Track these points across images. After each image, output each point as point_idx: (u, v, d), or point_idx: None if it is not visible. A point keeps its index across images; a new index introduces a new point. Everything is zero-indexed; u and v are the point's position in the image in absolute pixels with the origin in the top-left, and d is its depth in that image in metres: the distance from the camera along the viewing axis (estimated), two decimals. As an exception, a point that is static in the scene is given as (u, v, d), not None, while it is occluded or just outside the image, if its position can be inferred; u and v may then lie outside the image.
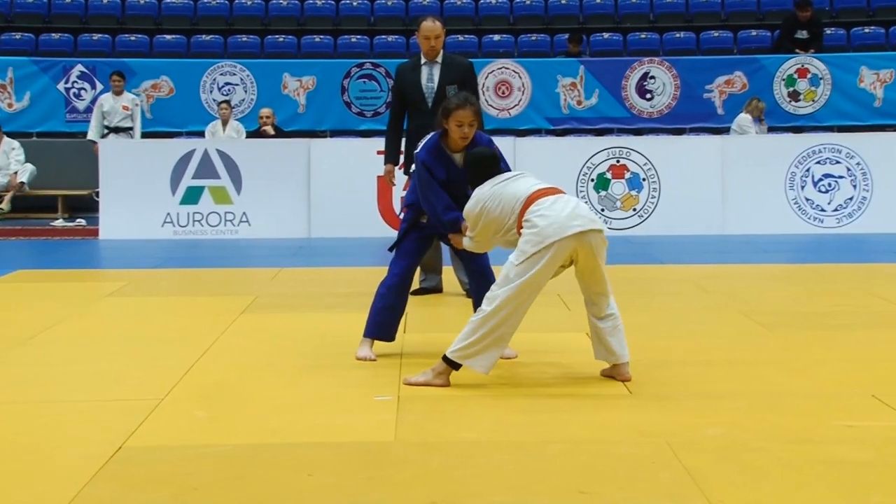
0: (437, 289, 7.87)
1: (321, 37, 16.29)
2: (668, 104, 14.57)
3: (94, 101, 14.13)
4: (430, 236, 5.68)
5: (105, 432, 4.19)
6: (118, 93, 13.61)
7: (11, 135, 14.02)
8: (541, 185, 5.01)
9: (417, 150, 5.66)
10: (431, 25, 7.49)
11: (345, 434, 4.18)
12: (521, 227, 4.87)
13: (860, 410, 4.46)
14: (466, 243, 5.26)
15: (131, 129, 13.55)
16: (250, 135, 13.56)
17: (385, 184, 8.54)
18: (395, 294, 5.57)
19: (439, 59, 7.53)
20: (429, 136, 5.58)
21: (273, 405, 4.63)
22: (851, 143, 12.23)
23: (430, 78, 7.50)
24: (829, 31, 15.84)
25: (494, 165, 5.15)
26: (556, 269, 4.90)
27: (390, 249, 5.73)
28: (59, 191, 13.80)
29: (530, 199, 4.89)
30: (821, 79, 14.46)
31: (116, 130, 13.52)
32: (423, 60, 7.57)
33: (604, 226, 4.99)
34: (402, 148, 7.64)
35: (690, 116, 14.59)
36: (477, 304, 5.43)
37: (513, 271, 4.81)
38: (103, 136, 13.26)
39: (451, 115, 5.33)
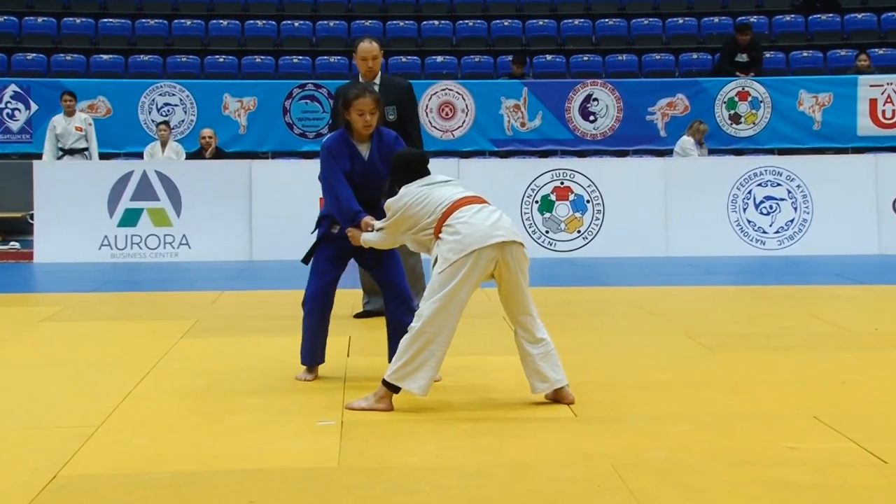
0: (381, 312, 7.84)
1: (262, 57, 16.26)
2: (612, 126, 14.71)
3: (27, 121, 13.95)
4: (344, 255, 5.58)
5: (39, 460, 4.11)
6: (70, 113, 13.44)
7: (-58, 156, 13.79)
8: (467, 193, 5.04)
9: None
10: (368, 46, 7.45)
11: (288, 460, 4.15)
12: (441, 232, 4.88)
13: (803, 432, 4.52)
14: (370, 237, 5.23)
15: (86, 150, 13.38)
16: (190, 156, 13.47)
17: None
18: (313, 317, 5.55)
19: (377, 80, 7.53)
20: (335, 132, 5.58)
21: (214, 431, 4.58)
22: (791, 165, 12.45)
23: None
24: (768, 55, 16.13)
25: (423, 166, 5.16)
26: (478, 280, 4.88)
27: (304, 262, 5.69)
28: (-7, 213, 13.60)
29: (455, 205, 4.90)
30: (761, 102, 14.70)
31: (71, 152, 13.32)
32: (361, 81, 7.56)
33: (524, 240, 4.99)
34: None
35: (633, 138, 14.73)
36: (392, 316, 5.43)
37: (436, 280, 4.83)
38: (58, 159, 13.06)
39: (351, 104, 5.38)
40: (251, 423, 4.71)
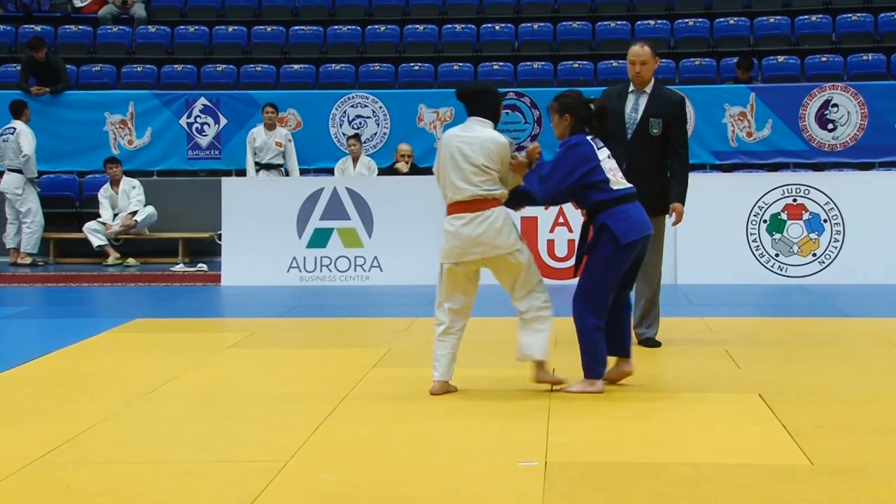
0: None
1: (460, 64, 16.48)
2: (854, 135, 14.24)
3: (216, 136, 14.59)
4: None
5: (227, 497, 4.29)
6: (271, 127, 13.99)
7: (131, 173, 14.55)
8: (460, 196, 6.08)
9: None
10: (639, 50, 7.71)
11: (486, 503, 4.19)
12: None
13: None
14: None
15: (282, 166, 13.93)
16: (382, 172, 13.78)
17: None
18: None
19: (648, 88, 7.69)
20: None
21: (407, 468, 4.67)
22: None
23: (634, 108, 7.66)
24: None
25: None
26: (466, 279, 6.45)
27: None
28: (180, 233, 14.23)
29: (448, 210, 6.21)
30: None
31: (268, 167, 13.89)
32: (630, 88, 7.74)
33: (508, 248, 6.04)
34: None
35: (880, 149, 14.23)
36: None
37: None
38: (256, 173, 13.63)
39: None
40: (450, 462, 4.77)
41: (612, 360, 6.24)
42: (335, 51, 17.07)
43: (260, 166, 13.92)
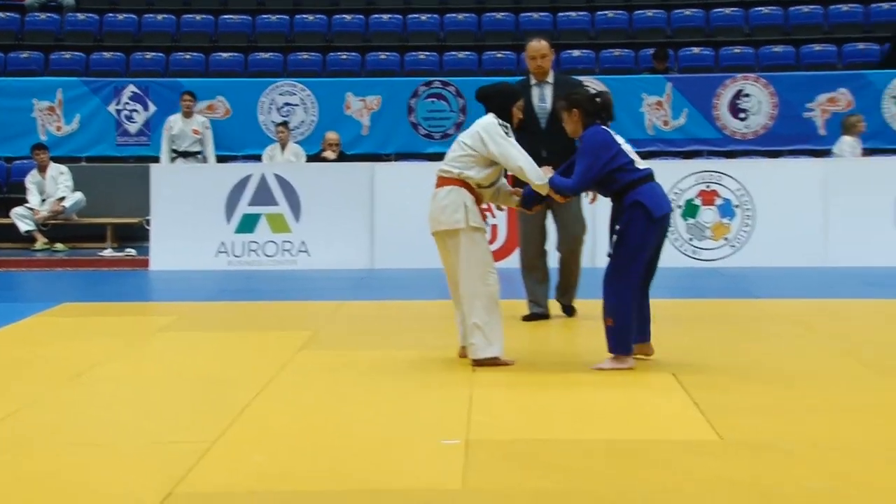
0: (546, 314, 8.18)
1: (387, 53, 16.46)
2: (765, 124, 14.45)
3: (145, 123, 14.41)
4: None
5: (154, 477, 4.26)
6: (188, 115, 13.83)
7: (60, 160, 14.32)
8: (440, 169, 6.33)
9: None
10: (537, 45, 7.97)
11: (409, 480, 4.20)
12: None
13: (977, 462, 4.38)
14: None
15: (200, 153, 13.79)
16: (310, 159, 13.72)
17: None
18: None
19: (549, 78, 7.88)
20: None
21: (332, 448, 4.67)
22: (969, 166, 12.02)
23: (542, 98, 7.84)
24: (945, 44, 15.61)
25: None
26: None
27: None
28: (109, 219, 14.03)
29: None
30: (935, 96, 14.25)
31: (185, 155, 13.74)
32: (532, 81, 7.95)
33: (446, 225, 6.21)
34: None
35: (789, 138, 14.43)
36: None
37: None
38: (171, 161, 13.49)
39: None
40: (371, 441, 4.78)
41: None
42: (263, 39, 16.95)
43: (178, 154, 13.76)
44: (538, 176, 6.26)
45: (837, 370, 6.25)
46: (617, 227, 6.20)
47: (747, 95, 14.44)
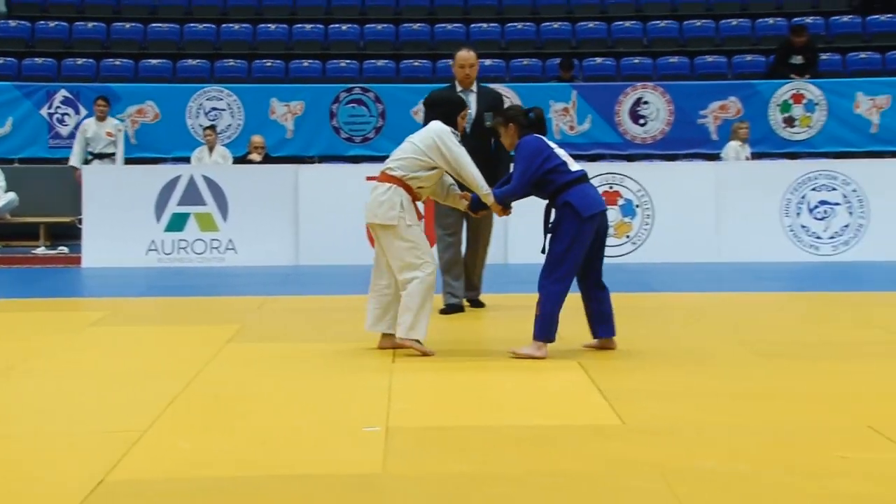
0: (461, 307, 8.23)
1: (309, 61, 16.35)
2: (662, 130, 14.64)
3: (77, 126, 14.14)
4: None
5: (85, 466, 4.17)
6: (102, 118, 13.63)
7: (-7, 161, 14.01)
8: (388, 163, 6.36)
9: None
10: (466, 55, 8.17)
11: (331, 466, 4.17)
12: None
13: (857, 442, 4.46)
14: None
15: (114, 154, 13.57)
16: (237, 161, 13.58)
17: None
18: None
19: (474, 87, 8.11)
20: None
21: (258, 436, 4.62)
22: (847, 169, 12.30)
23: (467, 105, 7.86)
24: (824, 57, 15.95)
25: None
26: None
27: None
28: (41, 218, 13.76)
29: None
30: (816, 104, 14.55)
31: (101, 157, 13.53)
32: (458, 89, 8.07)
33: (380, 219, 6.25)
34: None
35: (684, 142, 14.65)
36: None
37: None
38: (86, 163, 13.27)
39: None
40: (295, 429, 4.74)
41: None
42: (191, 47, 16.73)
43: (94, 156, 13.52)
44: (485, 186, 6.37)
45: (730, 357, 6.35)
46: (550, 225, 6.29)
47: (646, 103, 14.61)
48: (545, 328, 6.19)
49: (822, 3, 17.73)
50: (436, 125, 6.38)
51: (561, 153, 6.38)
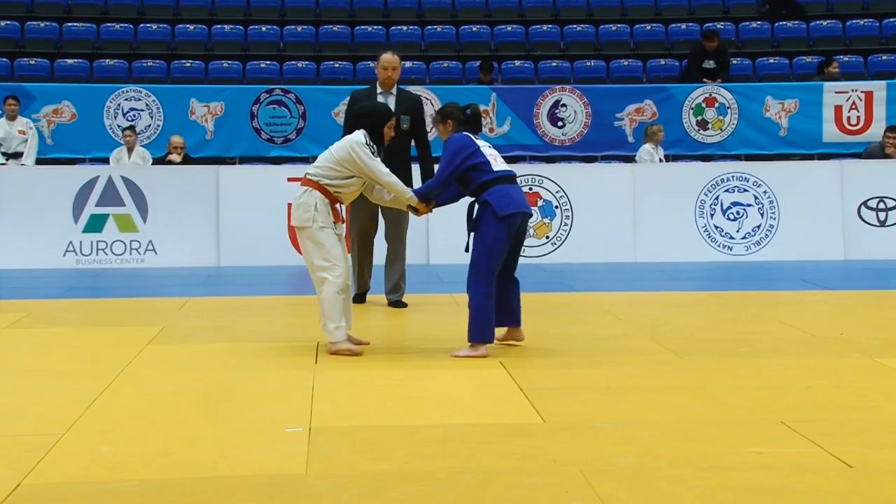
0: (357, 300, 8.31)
1: (229, 62, 16.19)
2: (580, 132, 14.77)
3: (-10, 126, 13.82)
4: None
5: (3, 469, 4.08)
6: (12, 118, 13.34)
7: None
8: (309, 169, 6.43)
9: None
10: (390, 58, 8.22)
11: (255, 467, 4.13)
12: None
13: (769, 437, 4.55)
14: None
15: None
16: (156, 161, 13.39)
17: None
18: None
19: (394, 90, 8.17)
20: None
21: (180, 438, 4.56)
22: (758, 171, 12.55)
23: None
24: (735, 61, 16.26)
25: None
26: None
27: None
28: (-45, 219, 13.40)
29: None
30: (728, 108, 14.81)
31: (16, 156, 13.23)
32: (379, 90, 8.14)
33: (295, 221, 6.34)
34: None
35: (601, 144, 14.79)
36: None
37: None
38: (2, 164, 12.97)
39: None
40: (218, 431, 4.69)
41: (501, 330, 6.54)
42: (108, 47, 16.45)
43: (8, 156, 13.24)
44: (406, 190, 6.48)
45: (645, 354, 6.43)
46: (471, 224, 6.35)
47: (564, 105, 14.73)
48: (478, 328, 6.23)
49: (732, 9, 18.07)
50: (354, 136, 6.41)
51: (489, 152, 6.42)
